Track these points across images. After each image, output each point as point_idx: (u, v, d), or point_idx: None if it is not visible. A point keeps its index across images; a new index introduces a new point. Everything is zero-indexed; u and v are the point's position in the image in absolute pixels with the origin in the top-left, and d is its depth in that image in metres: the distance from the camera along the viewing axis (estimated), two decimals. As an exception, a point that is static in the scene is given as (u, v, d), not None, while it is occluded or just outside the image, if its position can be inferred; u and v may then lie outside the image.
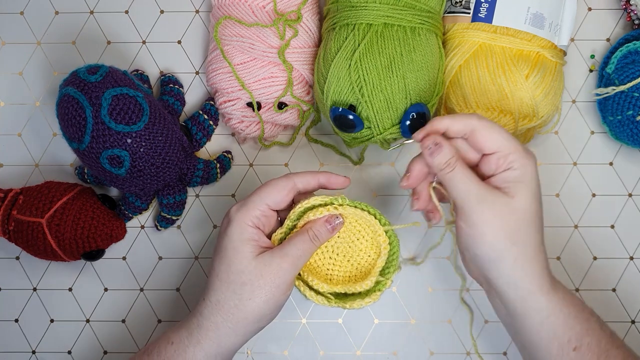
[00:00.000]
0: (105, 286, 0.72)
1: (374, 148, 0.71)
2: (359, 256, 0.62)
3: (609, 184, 0.71)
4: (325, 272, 0.62)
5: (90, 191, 0.68)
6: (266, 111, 0.68)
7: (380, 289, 0.61)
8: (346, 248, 0.62)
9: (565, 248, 0.71)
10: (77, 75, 0.61)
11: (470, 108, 0.65)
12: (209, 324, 0.57)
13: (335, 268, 0.62)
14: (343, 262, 0.62)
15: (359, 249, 0.62)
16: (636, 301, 0.70)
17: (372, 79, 0.61)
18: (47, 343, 0.71)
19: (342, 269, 0.62)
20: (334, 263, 0.62)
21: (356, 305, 0.60)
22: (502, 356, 0.70)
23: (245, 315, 0.57)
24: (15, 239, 0.66)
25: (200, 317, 0.58)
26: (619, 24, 0.72)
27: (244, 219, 0.57)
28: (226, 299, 0.57)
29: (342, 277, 0.62)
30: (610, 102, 0.67)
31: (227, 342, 0.57)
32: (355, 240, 0.62)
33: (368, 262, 0.62)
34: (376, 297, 0.60)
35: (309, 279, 0.60)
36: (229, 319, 0.57)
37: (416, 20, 0.63)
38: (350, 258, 0.62)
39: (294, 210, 0.59)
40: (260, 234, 0.58)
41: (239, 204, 0.58)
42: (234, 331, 0.57)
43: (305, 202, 0.59)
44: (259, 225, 0.58)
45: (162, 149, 0.63)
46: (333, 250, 0.62)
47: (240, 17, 0.67)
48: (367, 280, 0.60)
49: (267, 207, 0.58)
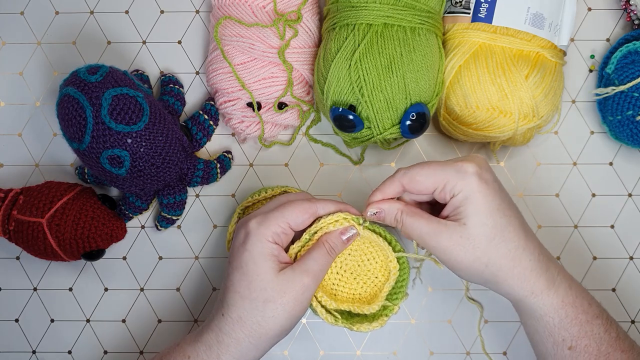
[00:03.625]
0: (105, 286, 0.72)
1: (374, 148, 0.71)
2: (366, 276, 0.62)
3: (609, 184, 0.71)
4: (330, 287, 0.62)
5: (90, 191, 0.68)
6: (266, 111, 0.68)
7: (387, 315, 0.61)
8: (355, 266, 0.62)
9: (565, 248, 0.71)
10: (77, 75, 0.61)
11: (470, 108, 0.65)
12: (230, 340, 0.57)
13: (340, 284, 0.62)
14: (349, 280, 0.62)
15: (367, 270, 0.62)
16: (636, 301, 0.70)
17: (372, 79, 0.61)
18: (47, 343, 0.71)
19: (347, 286, 0.62)
20: (340, 279, 0.62)
21: (363, 328, 0.60)
22: (502, 356, 0.70)
23: (267, 332, 0.56)
24: (16, 239, 0.66)
25: (220, 333, 0.57)
26: (619, 24, 0.72)
27: (264, 234, 0.57)
28: (248, 316, 0.56)
29: (347, 295, 0.62)
30: (610, 102, 0.67)
31: (248, 357, 0.57)
32: (365, 261, 0.62)
33: (375, 285, 0.62)
34: (383, 322, 0.61)
35: (317, 294, 0.60)
36: (251, 335, 0.56)
37: (416, 21, 0.63)
38: (357, 277, 0.62)
39: (316, 225, 0.59)
40: (280, 250, 0.58)
41: (259, 218, 0.58)
42: (256, 347, 0.57)
43: (328, 219, 0.59)
44: (278, 241, 0.58)
45: (162, 149, 0.63)
46: (341, 267, 0.62)
47: (240, 17, 0.67)
48: (375, 304, 0.60)
49: (287, 225, 0.58)
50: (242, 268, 0.57)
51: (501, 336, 0.70)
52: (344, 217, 0.59)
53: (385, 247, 0.61)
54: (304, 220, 0.58)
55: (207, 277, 0.71)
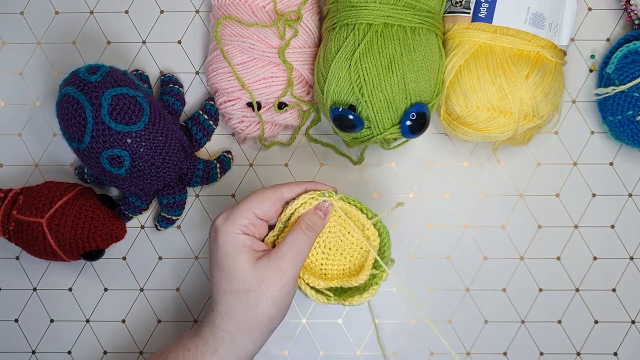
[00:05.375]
0: (105, 286, 0.72)
1: (374, 148, 0.71)
2: (351, 249, 0.62)
3: (609, 184, 0.71)
4: (319, 268, 0.62)
5: (90, 191, 0.68)
6: (266, 111, 0.68)
7: (377, 282, 0.60)
8: (338, 242, 0.62)
9: (565, 248, 0.71)
10: (77, 75, 0.61)
11: (470, 108, 0.65)
12: (223, 333, 0.57)
13: (329, 262, 0.62)
14: (336, 256, 0.62)
15: (350, 242, 0.62)
16: (636, 301, 0.70)
17: (372, 79, 0.61)
18: (47, 343, 0.71)
19: (336, 262, 0.62)
20: (327, 257, 0.62)
21: (355, 302, 0.59)
22: (502, 356, 0.70)
23: (256, 321, 0.57)
24: (15, 239, 0.66)
25: (213, 327, 0.58)
26: (619, 24, 0.72)
27: (231, 228, 0.57)
28: (234, 308, 0.57)
29: (337, 271, 0.62)
30: (610, 102, 0.67)
31: (244, 348, 0.58)
32: (346, 234, 0.62)
33: (362, 256, 0.62)
34: (374, 291, 0.60)
35: (304, 276, 0.60)
36: (241, 326, 0.57)
37: (416, 20, 0.63)
38: (344, 251, 0.62)
39: (285, 212, 0.59)
40: (253, 239, 0.58)
41: (225, 213, 0.58)
42: (249, 336, 0.57)
43: (295, 202, 0.59)
44: (248, 232, 0.58)
45: (162, 149, 0.63)
46: (325, 245, 0.62)
47: (240, 17, 0.67)
48: (362, 274, 0.59)
49: (254, 215, 0.58)
50: (219, 264, 0.57)
51: (501, 336, 0.70)
52: (309, 197, 0.59)
53: (359, 215, 0.60)
54: (269, 207, 0.59)
55: (207, 277, 0.71)
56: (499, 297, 0.71)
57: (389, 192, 0.72)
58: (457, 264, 0.71)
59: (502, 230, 0.71)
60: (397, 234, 0.71)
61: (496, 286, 0.71)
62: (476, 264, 0.71)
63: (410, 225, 0.71)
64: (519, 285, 0.71)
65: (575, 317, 0.70)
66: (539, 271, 0.71)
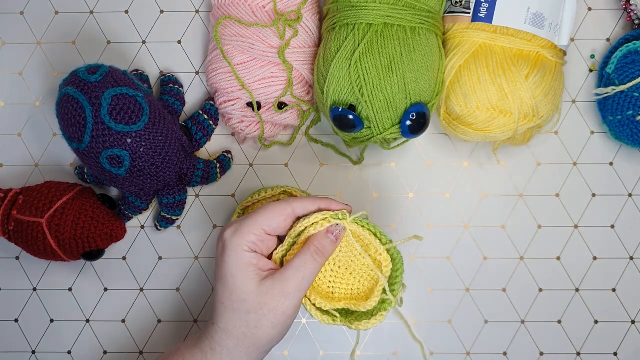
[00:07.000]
0: (105, 286, 0.72)
1: (374, 148, 0.71)
2: (362, 270, 0.60)
3: (609, 184, 0.71)
4: (327, 286, 0.60)
5: (90, 191, 0.68)
6: (266, 111, 0.68)
7: (386, 309, 0.59)
8: (348, 262, 0.60)
9: (565, 248, 0.71)
10: (77, 75, 0.61)
11: (470, 108, 0.65)
12: (222, 349, 0.56)
13: (337, 281, 0.60)
14: (346, 275, 0.60)
15: (362, 264, 0.60)
16: (636, 301, 0.70)
17: (372, 79, 0.61)
18: (47, 343, 0.71)
19: (344, 282, 0.60)
20: (336, 276, 0.60)
21: (362, 326, 0.58)
22: (502, 356, 0.70)
23: (255, 342, 0.56)
24: (15, 239, 0.66)
25: (212, 342, 0.57)
26: (619, 24, 0.72)
27: (239, 244, 0.56)
28: (234, 326, 0.56)
29: (345, 291, 0.60)
30: (610, 102, 0.67)
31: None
32: (357, 255, 0.60)
33: (372, 278, 0.60)
34: (382, 317, 0.58)
35: (311, 296, 0.59)
36: (240, 345, 0.56)
37: (416, 20, 0.63)
38: (353, 272, 0.60)
39: (295, 229, 0.57)
40: (260, 258, 0.56)
41: (234, 227, 0.57)
42: (247, 355, 0.57)
43: (306, 221, 0.57)
44: (256, 249, 0.56)
45: (162, 149, 0.63)
46: (335, 263, 0.60)
47: (240, 17, 0.67)
48: (371, 300, 0.58)
49: (263, 232, 0.56)
50: (223, 280, 0.56)
51: (501, 336, 0.70)
52: (322, 217, 0.57)
53: (372, 240, 0.58)
54: (279, 223, 0.57)
55: (207, 277, 0.71)
56: (499, 297, 0.71)
57: (389, 192, 0.72)
58: (457, 264, 0.71)
59: (502, 230, 0.71)
60: (397, 234, 0.71)
61: (496, 286, 0.71)
62: (476, 264, 0.71)
63: (410, 225, 0.71)
64: (519, 285, 0.71)
65: (575, 317, 0.70)
66: (539, 271, 0.71)
